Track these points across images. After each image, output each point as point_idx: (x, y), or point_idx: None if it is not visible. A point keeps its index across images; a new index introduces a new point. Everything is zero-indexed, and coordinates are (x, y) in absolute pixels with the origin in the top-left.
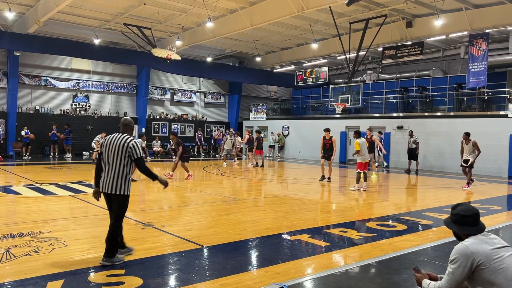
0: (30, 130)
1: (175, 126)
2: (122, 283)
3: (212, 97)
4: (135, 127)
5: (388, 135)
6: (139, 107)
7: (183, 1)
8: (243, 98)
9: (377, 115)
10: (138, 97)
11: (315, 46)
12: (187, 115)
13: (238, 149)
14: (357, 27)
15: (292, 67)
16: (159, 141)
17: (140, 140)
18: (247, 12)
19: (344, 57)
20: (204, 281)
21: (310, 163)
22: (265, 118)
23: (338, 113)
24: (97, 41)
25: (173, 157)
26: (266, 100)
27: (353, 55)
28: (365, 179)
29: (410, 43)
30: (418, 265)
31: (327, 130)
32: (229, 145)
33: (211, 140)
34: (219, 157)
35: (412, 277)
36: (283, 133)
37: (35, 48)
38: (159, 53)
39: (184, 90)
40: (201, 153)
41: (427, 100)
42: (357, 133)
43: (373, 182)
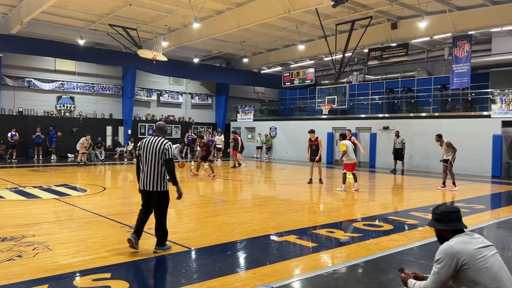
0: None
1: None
2: (108, 287)
3: (199, 98)
4: (120, 128)
5: (374, 135)
6: (125, 108)
7: (169, 2)
8: (230, 99)
9: (363, 116)
10: (124, 98)
11: (301, 47)
12: (174, 116)
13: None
14: (343, 28)
15: (279, 68)
16: None
17: (179, 145)
18: (233, 13)
19: (331, 58)
20: (192, 284)
21: (297, 164)
22: (253, 119)
23: (324, 114)
24: (82, 42)
25: (217, 160)
26: (254, 101)
27: (339, 56)
28: (355, 179)
29: (395, 44)
30: (404, 264)
31: (312, 131)
32: (221, 144)
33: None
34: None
35: (398, 277)
36: (270, 134)
37: (18, 49)
38: (145, 54)
39: (170, 91)
40: (188, 155)
41: (412, 101)
42: (342, 136)
43: (350, 183)
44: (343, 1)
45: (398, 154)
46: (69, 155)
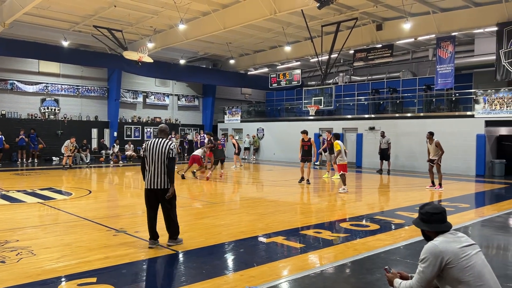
0: None
1: (148, 129)
2: None
3: (185, 100)
4: (106, 131)
5: (360, 136)
6: (110, 110)
7: (154, 3)
8: (217, 100)
9: (349, 116)
10: (110, 100)
11: (288, 48)
12: (160, 118)
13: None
14: (329, 30)
15: (265, 69)
16: (132, 145)
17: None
18: (219, 15)
19: (317, 59)
20: (179, 287)
21: (285, 165)
22: (240, 120)
23: (311, 115)
24: (66, 44)
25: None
26: (241, 103)
27: (325, 57)
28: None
29: (380, 45)
30: (391, 264)
31: (304, 132)
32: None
33: (184, 144)
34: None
35: (385, 277)
36: (258, 135)
37: (0, 51)
38: (130, 55)
39: (157, 93)
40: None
41: (398, 102)
42: (335, 136)
43: (326, 182)
44: (329, 3)
45: (384, 154)
46: (53, 158)
